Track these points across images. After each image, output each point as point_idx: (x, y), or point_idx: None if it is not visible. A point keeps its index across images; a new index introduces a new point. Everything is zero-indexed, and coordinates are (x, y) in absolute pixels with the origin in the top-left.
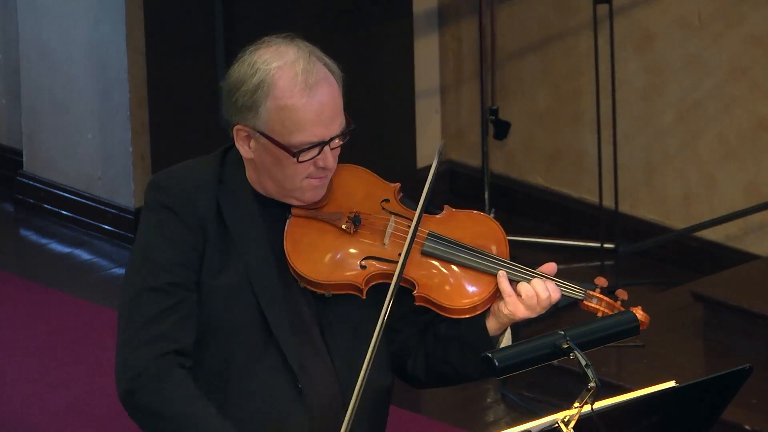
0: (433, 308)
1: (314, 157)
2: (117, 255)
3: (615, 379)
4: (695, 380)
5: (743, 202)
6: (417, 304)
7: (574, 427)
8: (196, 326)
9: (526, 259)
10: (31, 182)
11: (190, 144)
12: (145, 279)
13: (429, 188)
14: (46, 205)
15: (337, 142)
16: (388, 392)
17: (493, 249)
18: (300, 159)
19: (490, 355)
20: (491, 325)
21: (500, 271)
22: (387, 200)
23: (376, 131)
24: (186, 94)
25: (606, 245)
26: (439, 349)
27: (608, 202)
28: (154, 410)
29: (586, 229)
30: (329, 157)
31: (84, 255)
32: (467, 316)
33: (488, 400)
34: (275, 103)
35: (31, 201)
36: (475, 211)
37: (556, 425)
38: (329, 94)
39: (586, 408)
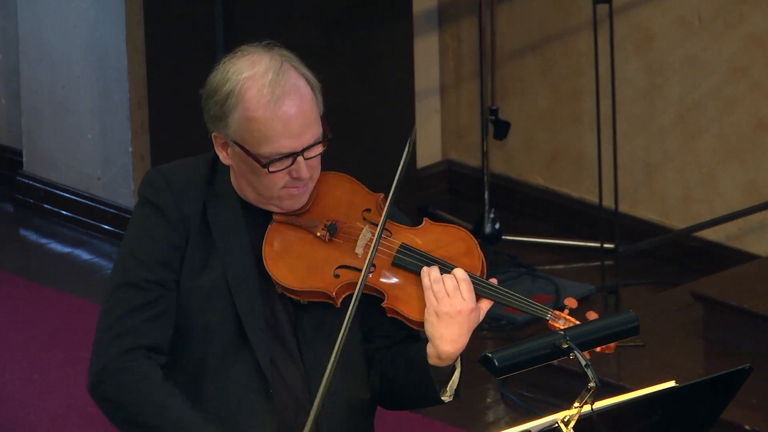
0: (401, 320)
1: (287, 167)
2: (117, 255)
3: (615, 379)
4: (695, 380)
5: (743, 202)
6: (388, 316)
7: (574, 427)
8: (172, 324)
9: (527, 259)
10: (31, 182)
11: (190, 144)
12: (125, 273)
13: (396, 187)
14: (46, 205)
15: (311, 152)
16: (368, 406)
17: (466, 264)
18: (270, 169)
19: (490, 355)
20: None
21: (423, 268)
22: (368, 210)
23: (376, 131)
24: (186, 94)
25: (606, 245)
26: (390, 365)
27: (608, 202)
28: (117, 401)
29: (586, 229)
30: (303, 168)
31: (84, 255)
32: None
33: (488, 400)
34: (243, 114)
35: (31, 201)
36: (453, 226)
37: (556, 425)
38: (297, 106)
39: (586, 408)
